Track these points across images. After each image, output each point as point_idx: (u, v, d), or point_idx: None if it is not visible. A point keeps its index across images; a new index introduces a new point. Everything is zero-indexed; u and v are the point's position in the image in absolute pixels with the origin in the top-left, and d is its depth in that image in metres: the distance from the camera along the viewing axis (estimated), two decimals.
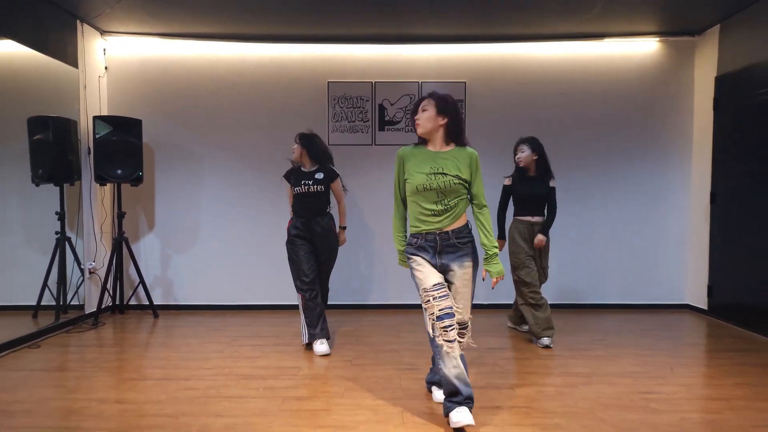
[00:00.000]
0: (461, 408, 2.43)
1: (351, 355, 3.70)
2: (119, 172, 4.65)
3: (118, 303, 5.05)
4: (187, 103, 5.14)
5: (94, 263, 4.78)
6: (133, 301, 5.13)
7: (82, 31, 4.67)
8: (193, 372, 3.35)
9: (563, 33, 4.99)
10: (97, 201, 4.90)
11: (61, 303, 4.51)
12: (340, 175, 3.93)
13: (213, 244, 5.18)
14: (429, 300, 2.49)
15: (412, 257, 2.63)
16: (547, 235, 3.96)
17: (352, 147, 5.14)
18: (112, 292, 4.99)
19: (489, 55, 5.16)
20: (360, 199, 5.15)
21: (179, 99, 5.14)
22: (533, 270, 3.87)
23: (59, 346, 3.96)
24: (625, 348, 3.87)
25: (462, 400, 2.46)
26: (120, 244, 4.85)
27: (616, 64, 5.16)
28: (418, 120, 2.62)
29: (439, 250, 2.58)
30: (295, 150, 3.91)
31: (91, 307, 4.75)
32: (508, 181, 4.04)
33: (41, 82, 4.39)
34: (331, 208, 3.94)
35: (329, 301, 4.19)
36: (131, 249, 4.87)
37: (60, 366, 3.52)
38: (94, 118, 4.64)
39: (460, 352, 2.49)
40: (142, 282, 4.90)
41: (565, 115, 5.16)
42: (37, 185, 4.34)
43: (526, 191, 3.95)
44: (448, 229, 2.57)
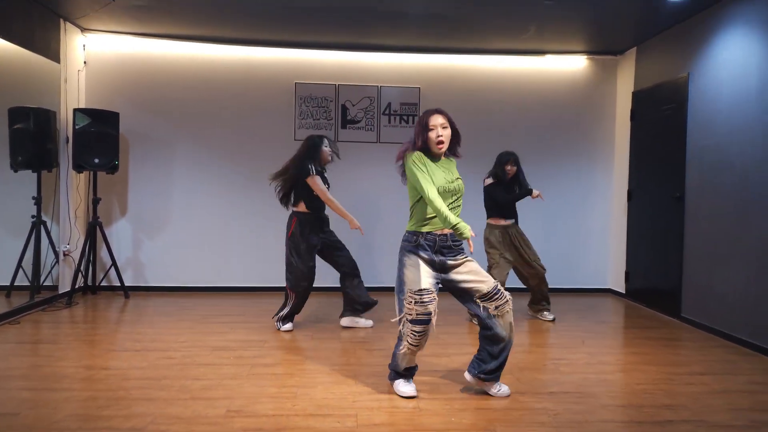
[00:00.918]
0: (409, 381, 2.89)
1: (312, 331, 4.18)
2: (97, 161, 4.95)
3: (90, 284, 5.35)
4: (161, 98, 5.46)
5: (68, 246, 5.07)
6: (104, 283, 5.43)
7: (65, 29, 4.94)
8: (169, 345, 3.75)
9: (506, 48, 5.60)
10: (73, 188, 5.18)
11: (35, 284, 4.79)
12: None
13: (182, 230, 5.54)
14: (412, 302, 2.69)
15: (409, 255, 2.78)
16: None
17: None
18: (84, 274, 5.28)
19: (441, 64, 5.69)
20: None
21: (154, 93, 5.45)
22: (505, 270, 4.34)
23: (37, 323, 4.27)
24: (548, 324, 4.49)
25: (408, 373, 2.90)
26: (94, 228, 5.14)
27: (550, 77, 5.80)
28: (442, 137, 2.75)
29: (436, 250, 2.77)
30: (327, 152, 4.13)
31: (64, 288, 5.04)
32: (491, 180, 4.42)
33: (24, 75, 4.65)
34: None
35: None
36: (104, 233, 5.18)
37: (42, 339, 3.86)
38: (75, 110, 4.93)
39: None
40: (114, 264, 5.22)
41: (506, 120, 5.77)
42: (15, 171, 4.60)
43: (506, 199, 4.40)
44: (447, 232, 2.76)
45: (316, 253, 4.15)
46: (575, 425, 2.58)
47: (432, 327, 2.74)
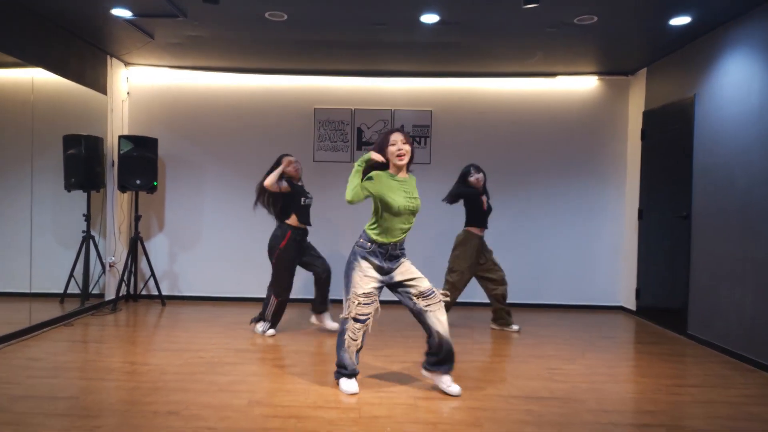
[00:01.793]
0: (351, 379, 3.23)
1: (325, 338, 4.61)
2: (138, 182, 5.53)
3: (132, 293, 5.93)
4: (194, 124, 6.04)
5: (113, 258, 5.66)
6: (144, 292, 6.00)
7: (111, 64, 5.59)
8: (201, 346, 4.23)
9: (516, 71, 5.91)
10: (118, 206, 5.78)
11: (85, 292, 5.37)
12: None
13: (212, 244, 6.07)
14: (356, 303, 3.11)
15: (360, 260, 3.14)
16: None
17: (334, 164, 6.05)
18: (127, 283, 5.86)
19: (452, 88, 6.08)
20: (338, 209, 6.04)
21: (188, 120, 6.04)
22: (466, 277, 4.62)
23: (87, 325, 4.83)
24: (552, 338, 4.65)
25: (350, 373, 3.22)
26: (136, 242, 5.72)
27: (561, 97, 6.04)
28: (404, 151, 3.06)
29: (386, 258, 3.16)
30: (298, 166, 4.56)
31: (109, 295, 5.62)
32: (477, 181, 4.63)
33: (77, 106, 5.29)
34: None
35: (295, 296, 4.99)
36: (145, 246, 5.75)
37: (92, 339, 4.41)
38: (120, 136, 5.54)
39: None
40: (153, 275, 5.78)
41: (516, 141, 6.05)
42: (69, 191, 5.21)
43: (486, 208, 4.67)
44: (397, 241, 3.16)
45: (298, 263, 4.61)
46: (556, 425, 2.80)
47: (369, 326, 3.17)
